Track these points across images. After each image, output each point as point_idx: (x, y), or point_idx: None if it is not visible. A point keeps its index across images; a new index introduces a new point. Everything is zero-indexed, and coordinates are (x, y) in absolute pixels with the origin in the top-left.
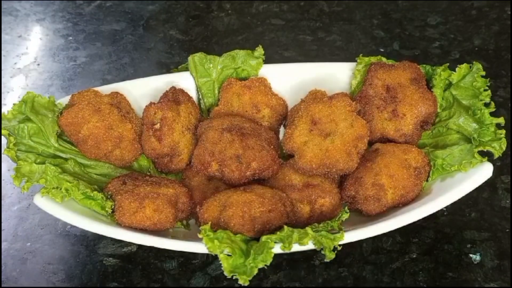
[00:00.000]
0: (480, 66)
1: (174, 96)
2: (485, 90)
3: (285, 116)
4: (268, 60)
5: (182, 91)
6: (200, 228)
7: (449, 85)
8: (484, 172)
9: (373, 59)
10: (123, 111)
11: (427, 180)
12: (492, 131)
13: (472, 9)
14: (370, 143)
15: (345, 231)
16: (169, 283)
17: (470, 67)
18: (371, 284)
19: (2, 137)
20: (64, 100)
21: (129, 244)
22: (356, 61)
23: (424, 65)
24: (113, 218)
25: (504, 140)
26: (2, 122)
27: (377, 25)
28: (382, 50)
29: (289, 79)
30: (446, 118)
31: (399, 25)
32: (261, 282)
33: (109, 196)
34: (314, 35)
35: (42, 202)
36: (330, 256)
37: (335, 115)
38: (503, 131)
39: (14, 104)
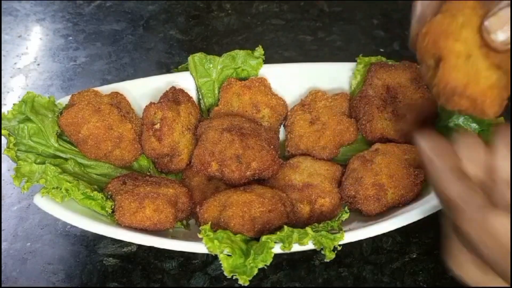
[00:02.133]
0: None
1: (174, 96)
2: None
3: (285, 116)
4: (268, 60)
5: (182, 91)
6: (200, 228)
7: None
8: None
9: (373, 59)
10: (123, 111)
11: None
12: (492, 131)
13: None
14: (370, 143)
15: (345, 231)
16: (169, 283)
17: None
18: (371, 284)
19: (2, 137)
20: (64, 100)
21: (129, 244)
22: (356, 61)
23: None
24: (113, 218)
25: None
26: (2, 122)
27: (377, 25)
28: (382, 50)
29: (289, 79)
30: (446, 118)
31: (399, 25)
32: (261, 282)
33: (109, 196)
34: (314, 35)
35: (42, 202)
36: (330, 256)
37: None
38: None
39: (14, 104)
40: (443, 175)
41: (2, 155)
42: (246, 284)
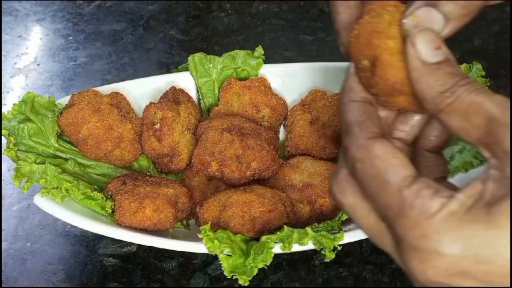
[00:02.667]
0: (480, 66)
1: (174, 96)
2: None
3: (285, 116)
4: (268, 60)
5: (182, 91)
6: (200, 228)
7: None
8: None
9: None
10: (123, 111)
11: None
12: None
13: None
14: None
15: (345, 231)
16: (169, 283)
17: (470, 67)
18: (371, 284)
19: (2, 137)
20: (64, 100)
21: (129, 244)
22: None
23: None
24: (113, 218)
25: None
26: (2, 122)
27: None
28: None
29: (289, 79)
30: None
31: None
32: (261, 282)
33: (109, 196)
34: (314, 35)
35: (42, 202)
36: (330, 256)
37: None
38: None
39: (14, 104)
40: (347, 99)
41: (2, 155)
42: (246, 284)
